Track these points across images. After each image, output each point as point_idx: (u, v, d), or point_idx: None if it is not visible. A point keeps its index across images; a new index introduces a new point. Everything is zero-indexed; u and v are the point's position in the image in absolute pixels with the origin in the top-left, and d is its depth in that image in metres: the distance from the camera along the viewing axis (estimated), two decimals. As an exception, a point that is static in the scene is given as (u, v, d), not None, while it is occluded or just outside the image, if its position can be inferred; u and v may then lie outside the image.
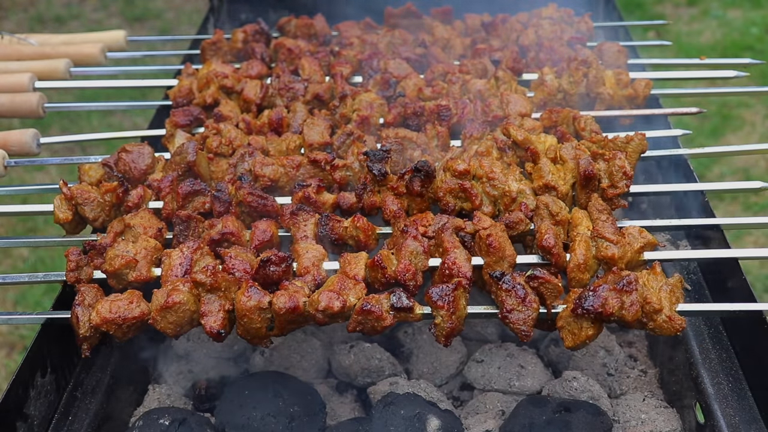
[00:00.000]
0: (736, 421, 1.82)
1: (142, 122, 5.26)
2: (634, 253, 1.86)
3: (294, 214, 2.00)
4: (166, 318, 1.78)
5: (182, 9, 7.54)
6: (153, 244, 1.95)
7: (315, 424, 1.94)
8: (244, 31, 2.96)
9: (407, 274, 1.81)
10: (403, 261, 1.83)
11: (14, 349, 4.08)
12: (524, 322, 1.75)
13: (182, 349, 2.37)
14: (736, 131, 5.47)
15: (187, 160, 2.13)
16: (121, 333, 1.80)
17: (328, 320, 1.76)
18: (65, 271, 1.92)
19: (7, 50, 2.97)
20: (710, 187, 2.22)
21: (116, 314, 1.78)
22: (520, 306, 1.76)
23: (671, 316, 1.73)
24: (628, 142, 2.14)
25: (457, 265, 1.81)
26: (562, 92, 2.55)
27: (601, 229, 1.87)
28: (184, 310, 1.78)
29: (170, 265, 1.87)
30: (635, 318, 1.72)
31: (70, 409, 1.96)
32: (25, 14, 7.50)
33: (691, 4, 7.18)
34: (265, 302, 1.76)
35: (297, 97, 2.58)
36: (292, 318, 1.76)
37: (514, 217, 1.94)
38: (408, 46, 2.93)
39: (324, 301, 1.73)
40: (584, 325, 1.75)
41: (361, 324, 1.76)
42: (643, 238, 1.88)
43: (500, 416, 2.06)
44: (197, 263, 1.87)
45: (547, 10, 3.09)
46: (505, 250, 1.84)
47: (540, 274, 1.78)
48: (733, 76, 2.73)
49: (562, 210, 1.95)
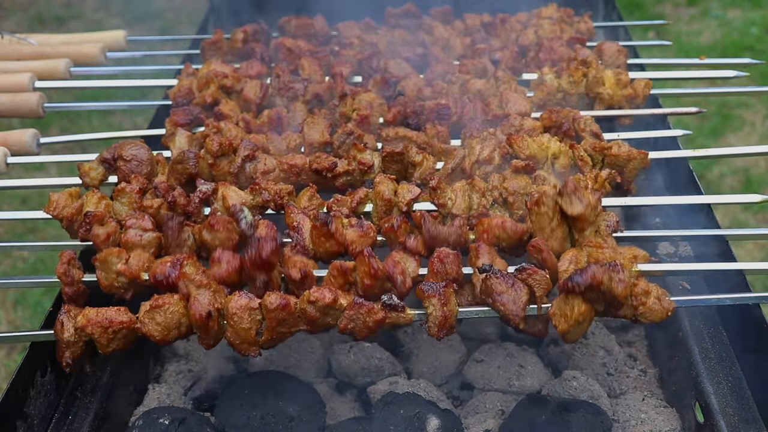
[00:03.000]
0: (736, 421, 1.82)
1: (142, 122, 5.27)
2: (626, 261, 1.84)
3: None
4: (154, 319, 1.76)
5: (182, 9, 7.54)
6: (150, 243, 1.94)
7: (315, 424, 1.94)
8: (244, 31, 2.96)
9: (396, 269, 1.80)
10: (390, 259, 1.83)
11: (14, 349, 4.08)
12: (514, 303, 1.75)
13: (182, 349, 2.37)
14: (736, 131, 5.47)
15: (189, 172, 2.13)
16: (106, 339, 1.77)
17: (318, 316, 1.75)
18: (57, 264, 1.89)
19: (7, 50, 2.97)
20: (710, 201, 2.21)
21: (103, 317, 1.77)
22: (509, 290, 1.75)
23: (661, 297, 1.73)
24: (630, 159, 2.12)
25: (444, 252, 1.81)
26: (561, 92, 2.55)
27: (594, 241, 1.85)
28: (172, 311, 1.76)
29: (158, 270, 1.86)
30: (624, 294, 1.70)
31: (70, 408, 1.96)
32: (25, 14, 7.50)
33: (691, 4, 7.18)
34: (256, 302, 1.76)
35: (297, 97, 2.58)
36: (282, 317, 1.75)
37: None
38: (408, 46, 2.93)
39: (315, 293, 1.74)
40: (575, 303, 1.73)
41: (352, 321, 1.76)
42: (637, 257, 1.85)
43: (500, 416, 2.06)
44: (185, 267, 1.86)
45: (547, 10, 3.09)
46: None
47: (528, 267, 1.79)
48: (733, 76, 2.72)
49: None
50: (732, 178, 5.04)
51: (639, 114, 2.53)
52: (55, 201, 2.06)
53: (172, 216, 1.95)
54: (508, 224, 1.89)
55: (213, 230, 1.91)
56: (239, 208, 1.94)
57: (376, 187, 2.03)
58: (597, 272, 1.70)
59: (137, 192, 2.04)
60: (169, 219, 1.94)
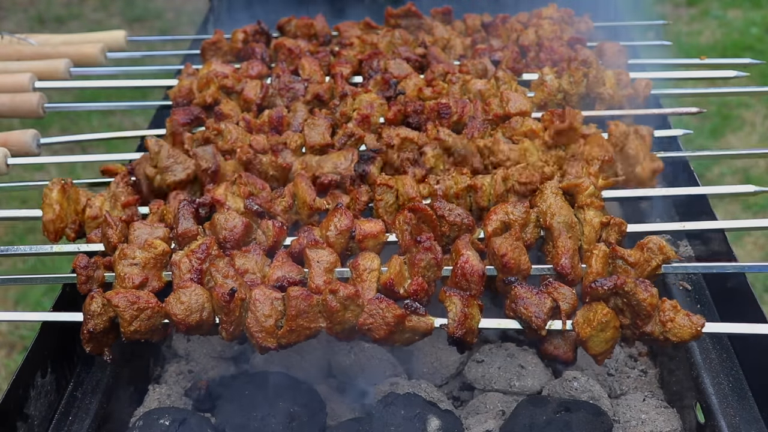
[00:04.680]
0: (737, 421, 1.82)
1: (142, 122, 5.27)
2: (650, 271, 1.85)
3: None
4: (179, 299, 1.78)
5: (182, 9, 7.54)
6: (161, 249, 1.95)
7: (315, 424, 1.94)
8: (244, 31, 2.96)
9: (420, 292, 1.83)
10: (416, 279, 1.84)
11: (14, 349, 4.08)
12: (537, 306, 1.76)
13: (182, 349, 2.37)
14: (736, 131, 5.47)
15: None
16: (130, 315, 1.76)
17: (339, 308, 1.75)
18: (77, 284, 1.90)
19: (7, 50, 2.97)
20: (705, 191, 2.22)
21: (131, 293, 1.78)
22: (533, 297, 1.77)
23: (689, 314, 1.73)
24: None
25: (469, 263, 1.82)
26: (562, 92, 2.55)
27: (619, 250, 1.85)
28: (197, 293, 1.79)
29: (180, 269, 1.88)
30: (652, 304, 1.71)
31: (70, 409, 1.96)
32: (25, 14, 7.50)
33: (691, 4, 7.18)
34: (279, 293, 1.79)
35: (297, 97, 2.58)
36: (303, 308, 1.76)
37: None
38: (408, 46, 2.92)
39: (338, 285, 1.76)
40: (598, 308, 1.75)
41: (371, 316, 1.76)
42: (663, 254, 1.85)
43: (500, 416, 2.06)
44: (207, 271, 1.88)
45: (547, 10, 3.09)
46: (520, 265, 1.86)
47: (553, 281, 1.81)
48: (733, 76, 2.72)
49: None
50: (732, 177, 5.04)
51: (639, 114, 2.53)
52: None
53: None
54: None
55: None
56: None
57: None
58: (621, 279, 1.72)
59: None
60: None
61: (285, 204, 2.06)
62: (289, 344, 1.81)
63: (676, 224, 2.08)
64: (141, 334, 1.80)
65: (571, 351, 1.83)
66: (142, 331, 1.79)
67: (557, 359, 1.83)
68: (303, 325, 1.79)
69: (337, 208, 1.96)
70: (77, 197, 2.13)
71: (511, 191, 2.06)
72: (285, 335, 1.79)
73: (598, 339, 1.75)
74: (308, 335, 1.81)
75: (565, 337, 1.82)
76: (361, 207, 2.08)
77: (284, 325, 1.78)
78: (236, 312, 1.78)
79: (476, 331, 1.80)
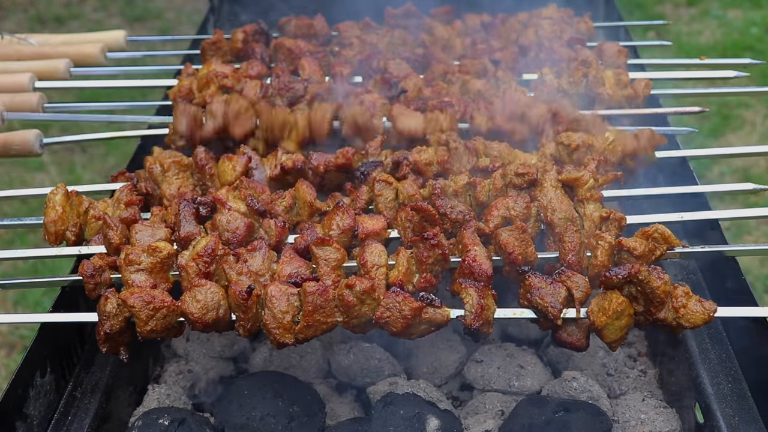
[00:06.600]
0: (736, 421, 1.82)
1: (142, 122, 5.25)
2: (654, 260, 1.87)
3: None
4: (195, 297, 1.78)
5: (182, 9, 7.55)
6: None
7: (315, 424, 1.94)
8: (244, 31, 2.96)
9: (429, 288, 1.85)
10: (425, 275, 1.86)
11: (14, 349, 4.08)
12: (553, 296, 1.78)
13: (182, 348, 2.37)
14: (736, 131, 5.47)
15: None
16: (146, 315, 1.76)
17: (355, 302, 1.76)
18: (86, 291, 1.90)
19: (7, 50, 2.97)
20: (704, 189, 2.22)
21: (146, 293, 1.78)
22: (548, 286, 1.79)
23: (701, 300, 1.75)
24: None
25: (477, 262, 1.83)
26: (562, 92, 2.55)
27: (625, 243, 1.86)
28: (213, 291, 1.79)
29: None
30: (665, 291, 1.73)
31: (70, 408, 1.96)
32: (25, 14, 7.50)
33: (691, 4, 7.17)
34: (294, 289, 1.79)
35: (297, 97, 2.58)
36: (319, 303, 1.76)
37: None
38: (408, 46, 2.92)
39: (354, 280, 1.76)
40: (613, 297, 1.76)
41: (388, 310, 1.76)
42: (667, 243, 1.87)
43: (500, 416, 2.06)
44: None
45: (547, 10, 3.09)
46: (527, 257, 1.87)
47: (565, 270, 1.83)
48: (733, 76, 2.72)
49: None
50: (732, 177, 5.04)
51: (639, 114, 2.53)
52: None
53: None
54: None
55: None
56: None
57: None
58: (636, 267, 1.74)
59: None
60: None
61: (286, 204, 2.06)
62: (306, 339, 1.81)
63: (674, 215, 2.08)
64: (157, 333, 1.79)
65: (585, 338, 1.85)
66: (158, 330, 1.79)
67: (571, 346, 1.85)
68: (320, 320, 1.78)
69: (339, 207, 1.96)
70: (80, 202, 2.12)
71: (509, 185, 2.06)
72: (302, 330, 1.78)
73: (613, 327, 1.78)
74: (325, 330, 1.80)
75: (578, 324, 1.83)
76: (362, 206, 2.08)
77: (301, 320, 1.78)
78: (253, 309, 1.78)
79: (492, 322, 1.81)
